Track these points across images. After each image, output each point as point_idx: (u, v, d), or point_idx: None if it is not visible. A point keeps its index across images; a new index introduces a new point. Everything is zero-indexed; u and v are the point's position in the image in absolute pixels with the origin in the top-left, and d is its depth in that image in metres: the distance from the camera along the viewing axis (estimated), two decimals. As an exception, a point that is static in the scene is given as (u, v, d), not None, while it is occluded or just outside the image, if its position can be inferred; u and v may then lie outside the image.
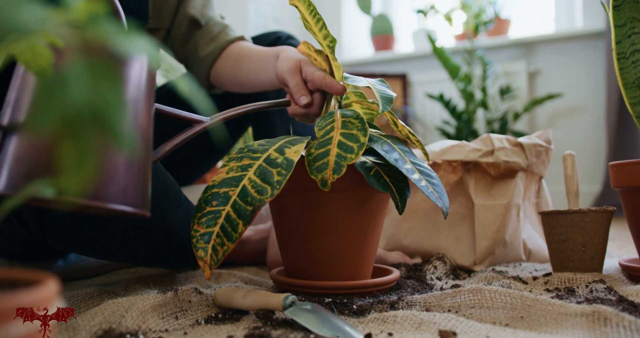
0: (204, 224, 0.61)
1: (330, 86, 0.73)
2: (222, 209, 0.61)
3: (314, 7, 0.71)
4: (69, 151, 0.22)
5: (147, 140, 0.49)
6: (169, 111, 0.63)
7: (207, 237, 0.60)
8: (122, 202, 0.44)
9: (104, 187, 0.43)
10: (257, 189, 0.61)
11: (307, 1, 0.71)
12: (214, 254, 0.60)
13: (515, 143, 0.97)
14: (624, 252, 1.16)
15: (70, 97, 0.22)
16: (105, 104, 0.23)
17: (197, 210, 0.62)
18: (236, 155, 0.66)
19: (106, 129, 0.22)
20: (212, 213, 0.61)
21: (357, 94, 0.80)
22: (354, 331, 0.51)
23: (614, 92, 2.38)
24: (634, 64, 0.81)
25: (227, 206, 0.61)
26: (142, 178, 0.48)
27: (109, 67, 0.24)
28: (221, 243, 0.60)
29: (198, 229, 0.61)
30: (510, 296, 0.60)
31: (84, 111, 0.22)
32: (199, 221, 0.61)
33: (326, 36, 0.72)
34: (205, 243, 0.60)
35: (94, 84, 0.23)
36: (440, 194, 0.66)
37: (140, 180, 0.47)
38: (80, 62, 0.23)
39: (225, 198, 0.61)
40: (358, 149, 0.61)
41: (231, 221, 0.60)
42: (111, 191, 0.44)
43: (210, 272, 0.60)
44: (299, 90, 0.76)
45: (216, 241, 0.60)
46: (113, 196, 0.44)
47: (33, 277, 0.31)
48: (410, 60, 3.02)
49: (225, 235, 0.60)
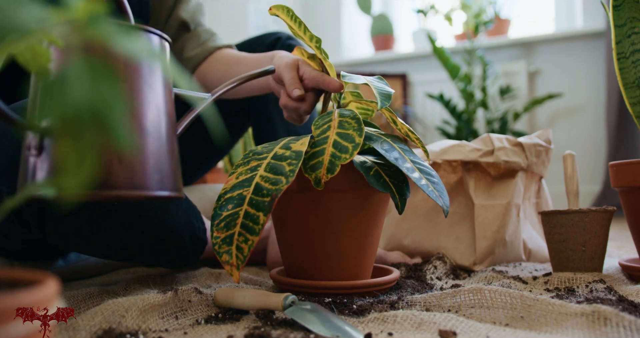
0: (223, 229, 0.60)
1: (328, 83, 0.73)
2: (239, 210, 0.60)
3: (293, 12, 0.73)
4: (69, 151, 0.22)
5: (173, 124, 0.52)
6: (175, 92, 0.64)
7: (229, 240, 0.59)
8: (162, 188, 0.48)
9: (148, 176, 0.46)
10: (271, 181, 0.60)
11: (285, 8, 0.73)
12: (239, 253, 0.59)
13: (515, 142, 0.97)
14: (624, 252, 1.16)
15: (70, 97, 0.22)
16: (105, 104, 0.23)
17: (213, 218, 0.61)
18: (242, 161, 0.66)
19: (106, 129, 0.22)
20: (230, 215, 0.60)
21: (354, 94, 0.80)
22: (354, 331, 0.51)
23: (614, 92, 2.38)
24: (634, 64, 0.81)
25: (244, 206, 0.60)
26: (175, 162, 0.51)
27: (109, 67, 0.24)
28: (244, 239, 0.59)
29: (218, 235, 0.60)
30: (510, 296, 0.60)
31: (84, 111, 0.22)
32: (217, 228, 0.60)
33: (311, 38, 0.73)
34: (228, 246, 0.59)
35: (94, 84, 0.23)
36: (440, 192, 0.66)
37: (173, 165, 0.50)
38: (81, 62, 0.23)
39: (240, 199, 0.61)
40: (353, 149, 0.61)
41: (250, 217, 0.59)
42: (153, 179, 0.47)
43: (239, 273, 0.59)
44: (293, 83, 0.76)
45: (239, 239, 0.59)
46: (154, 184, 0.47)
47: (33, 277, 0.31)
48: (410, 60, 3.02)
49: (248, 231, 0.59)
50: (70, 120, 0.22)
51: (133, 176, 0.45)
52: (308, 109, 0.78)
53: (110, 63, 0.24)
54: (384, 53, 3.07)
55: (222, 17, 2.87)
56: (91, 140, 0.22)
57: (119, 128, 0.23)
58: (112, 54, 0.43)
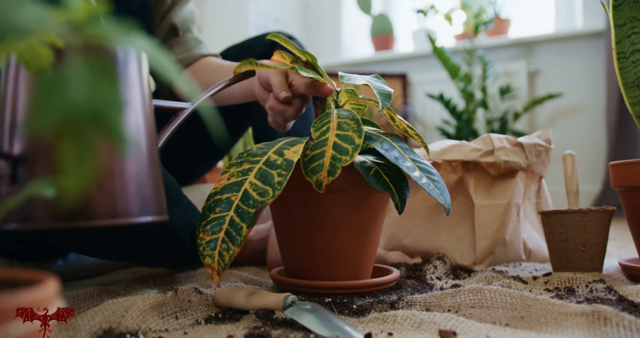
0: (209, 231, 0.61)
1: (318, 88, 0.73)
2: (226, 215, 0.61)
3: (284, 38, 0.74)
4: (69, 151, 0.22)
5: (154, 142, 0.49)
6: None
7: (212, 244, 0.61)
8: (145, 213, 0.44)
9: (129, 202, 0.43)
10: (259, 191, 0.61)
11: (278, 35, 0.74)
12: (221, 260, 0.60)
13: (515, 142, 0.97)
14: (624, 252, 1.16)
15: (70, 97, 0.22)
16: (104, 104, 0.23)
17: (201, 218, 0.63)
18: (236, 160, 0.66)
19: (106, 129, 0.22)
20: (216, 219, 0.62)
21: (348, 91, 0.80)
22: (354, 331, 0.51)
23: (614, 92, 2.38)
24: (634, 64, 0.81)
25: (230, 212, 0.61)
26: (157, 183, 0.47)
27: (108, 66, 0.24)
28: (227, 248, 0.60)
29: (204, 237, 0.62)
30: (510, 296, 0.60)
31: (84, 111, 0.22)
32: (204, 229, 0.62)
33: (305, 54, 0.74)
34: (212, 250, 0.61)
35: (94, 83, 0.23)
36: (441, 190, 0.66)
37: (155, 186, 0.47)
38: (80, 62, 0.23)
39: (227, 203, 0.62)
40: (353, 151, 0.61)
41: (235, 226, 0.61)
42: (135, 205, 0.43)
43: (219, 278, 0.60)
44: (281, 86, 0.76)
45: (222, 246, 0.61)
46: (137, 209, 0.43)
47: (33, 277, 0.31)
48: (410, 60, 3.02)
49: (230, 240, 0.60)
50: (70, 120, 0.22)
51: (114, 203, 0.42)
52: (294, 114, 0.78)
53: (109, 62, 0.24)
54: (383, 53, 3.07)
55: (222, 17, 2.87)
56: (91, 140, 0.22)
57: (119, 128, 0.23)
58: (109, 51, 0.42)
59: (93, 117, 0.22)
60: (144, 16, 1.01)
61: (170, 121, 0.62)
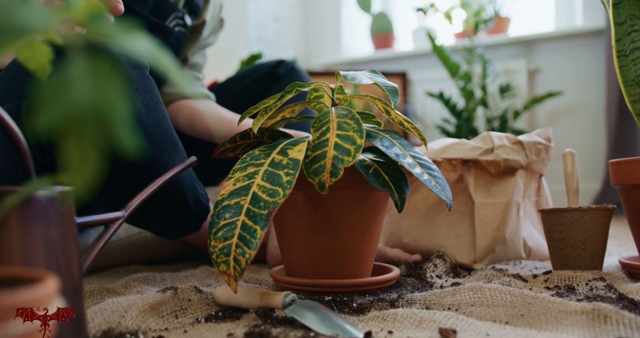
0: (220, 238, 0.59)
1: None
2: (237, 220, 0.59)
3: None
4: (73, 150, 0.22)
5: (77, 277, 0.44)
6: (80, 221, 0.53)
7: (226, 250, 0.58)
8: None
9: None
10: (268, 192, 0.60)
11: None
12: (237, 265, 0.57)
13: (515, 140, 0.97)
14: (624, 250, 1.16)
15: (73, 97, 0.22)
16: (108, 103, 0.23)
17: (211, 226, 0.60)
18: (239, 165, 0.65)
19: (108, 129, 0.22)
20: (228, 225, 0.59)
21: (338, 90, 0.78)
22: (354, 329, 0.51)
23: (614, 90, 2.38)
24: (634, 62, 0.81)
25: (241, 216, 0.59)
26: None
27: (111, 66, 0.24)
28: (242, 252, 0.58)
29: (216, 244, 0.59)
30: (510, 294, 0.60)
31: (87, 110, 0.22)
32: (215, 237, 0.59)
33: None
34: (226, 256, 0.58)
35: (97, 83, 0.23)
36: (442, 187, 0.66)
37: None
38: (83, 62, 0.23)
39: (237, 208, 0.60)
40: (355, 152, 0.61)
41: (248, 229, 0.58)
42: None
43: (237, 284, 0.58)
44: None
45: (236, 251, 0.58)
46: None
47: (33, 275, 0.31)
48: (410, 58, 3.02)
49: (245, 243, 0.58)
50: (74, 119, 0.22)
51: None
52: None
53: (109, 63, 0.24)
54: (383, 52, 3.07)
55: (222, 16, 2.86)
56: (94, 139, 0.22)
57: (122, 127, 0.23)
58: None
59: (96, 117, 0.22)
60: (177, 51, 1.14)
61: (99, 238, 0.56)
